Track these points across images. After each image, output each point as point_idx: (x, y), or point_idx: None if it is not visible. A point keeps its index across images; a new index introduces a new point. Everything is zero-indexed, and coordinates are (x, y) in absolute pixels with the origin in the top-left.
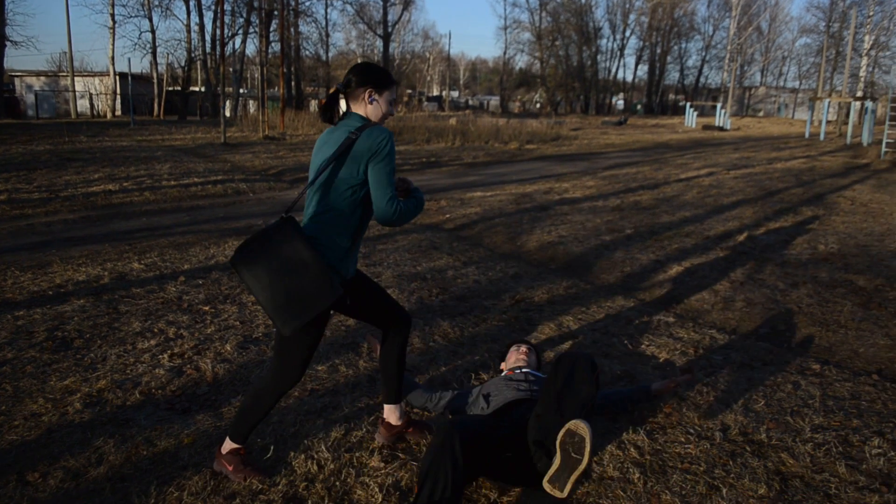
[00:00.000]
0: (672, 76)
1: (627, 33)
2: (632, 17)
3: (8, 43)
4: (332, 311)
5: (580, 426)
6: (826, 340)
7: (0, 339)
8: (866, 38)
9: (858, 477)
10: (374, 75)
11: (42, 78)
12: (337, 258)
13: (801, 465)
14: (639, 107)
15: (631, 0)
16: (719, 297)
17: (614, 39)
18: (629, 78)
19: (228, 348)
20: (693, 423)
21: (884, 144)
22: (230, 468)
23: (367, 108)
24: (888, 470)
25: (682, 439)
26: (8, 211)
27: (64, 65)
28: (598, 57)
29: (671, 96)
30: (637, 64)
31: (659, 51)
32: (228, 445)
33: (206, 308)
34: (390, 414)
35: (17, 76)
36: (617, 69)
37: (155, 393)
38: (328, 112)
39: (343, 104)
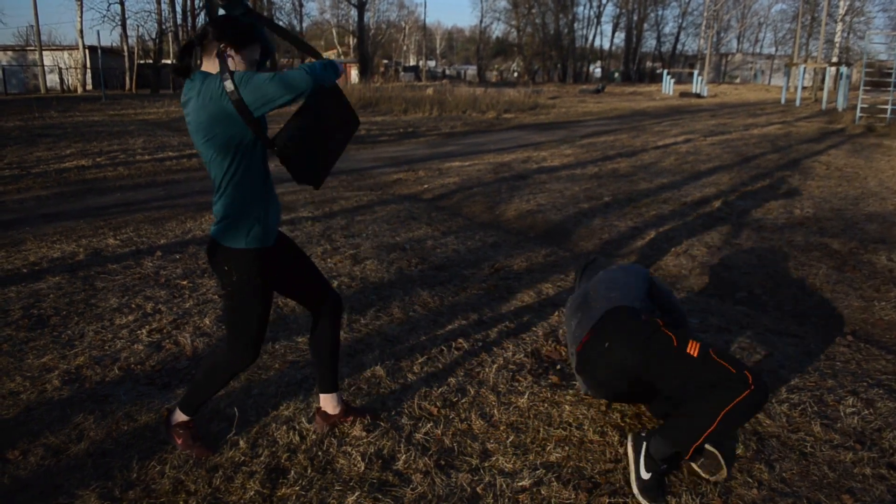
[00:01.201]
0: (649, 44)
1: (604, 0)
2: None
3: None
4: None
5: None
6: (802, 303)
7: None
8: (841, 3)
9: (833, 435)
10: (233, 29)
11: (9, 52)
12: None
13: (778, 424)
14: (616, 75)
15: None
16: (697, 262)
17: (591, 7)
18: (606, 46)
19: (207, 322)
20: None
21: (858, 109)
22: (179, 441)
23: (214, 63)
24: (862, 428)
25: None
26: None
27: (31, 39)
28: (575, 25)
29: (648, 64)
30: (614, 32)
31: (636, 18)
32: (179, 416)
33: (184, 283)
34: (326, 403)
35: None
36: (594, 37)
37: (134, 368)
38: (181, 68)
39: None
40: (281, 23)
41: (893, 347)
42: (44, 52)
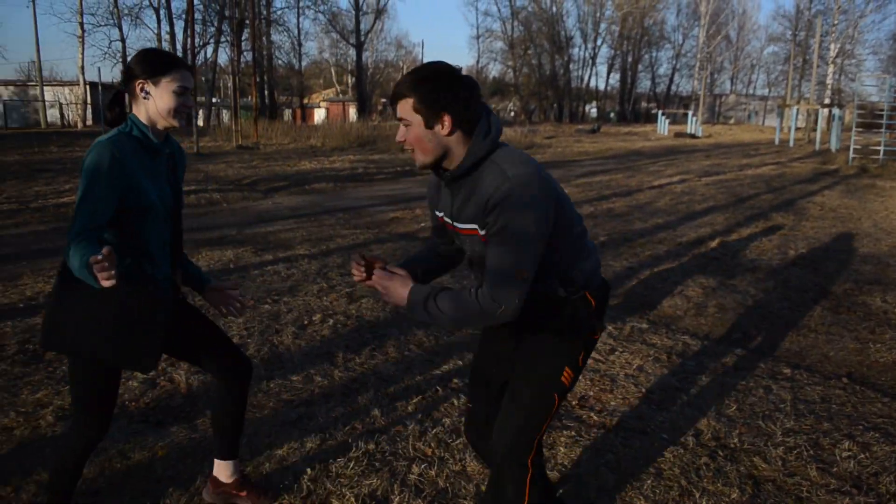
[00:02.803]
0: (644, 84)
1: (599, 42)
2: (602, 26)
3: None
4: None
5: None
6: (797, 345)
7: None
8: (832, 46)
9: (830, 480)
10: (145, 62)
11: (10, 87)
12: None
13: (773, 468)
14: (612, 115)
15: (601, 9)
16: (692, 303)
17: (586, 48)
18: (602, 86)
19: None
20: (666, 428)
21: (851, 150)
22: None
23: (143, 105)
24: (858, 472)
25: (656, 445)
26: None
27: (33, 74)
28: (571, 65)
29: (643, 104)
30: (609, 72)
31: (630, 59)
32: None
33: None
34: (220, 470)
35: None
36: (589, 78)
37: (128, 405)
38: (111, 117)
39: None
40: (280, 62)
41: (889, 390)
42: (45, 88)
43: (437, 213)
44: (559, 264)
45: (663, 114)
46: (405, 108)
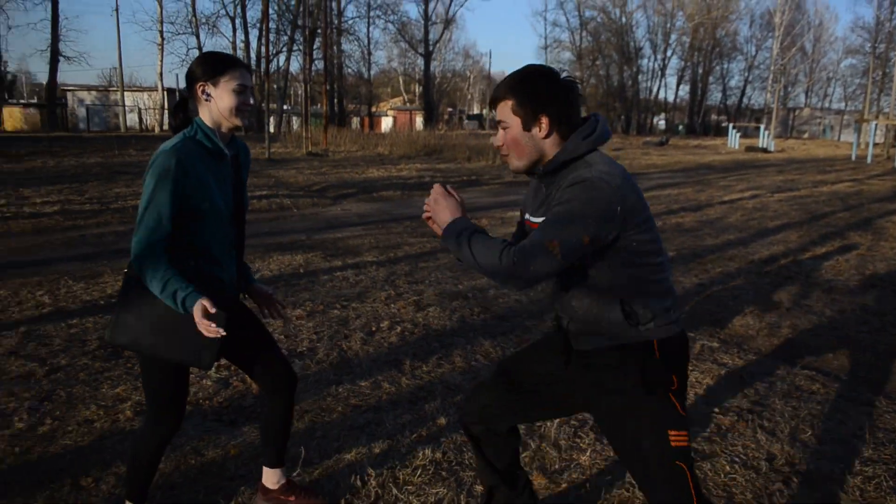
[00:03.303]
0: (714, 96)
1: (669, 53)
2: (673, 36)
3: (61, 58)
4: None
5: None
6: (876, 370)
7: (55, 347)
8: None
9: None
10: (204, 64)
11: (93, 92)
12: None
13: (851, 498)
14: (680, 127)
15: (672, 20)
16: (764, 322)
17: (655, 59)
18: (671, 98)
19: None
20: (738, 451)
21: None
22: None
23: (206, 108)
24: None
25: (728, 468)
26: (61, 222)
27: (114, 80)
28: (639, 76)
29: (713, 117)
30: (678, 84)
31: (701, 71)
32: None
33: None
34: (268, 477)
35: (69, 90)
36: (658, 89)
37: (202, 403)
38: (176, 123)
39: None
40: (350, 70)
41: None
42: (125, 93)
43: (524, 213)
44: (626, 287)
45: (734, 127)
46: (504, 110)
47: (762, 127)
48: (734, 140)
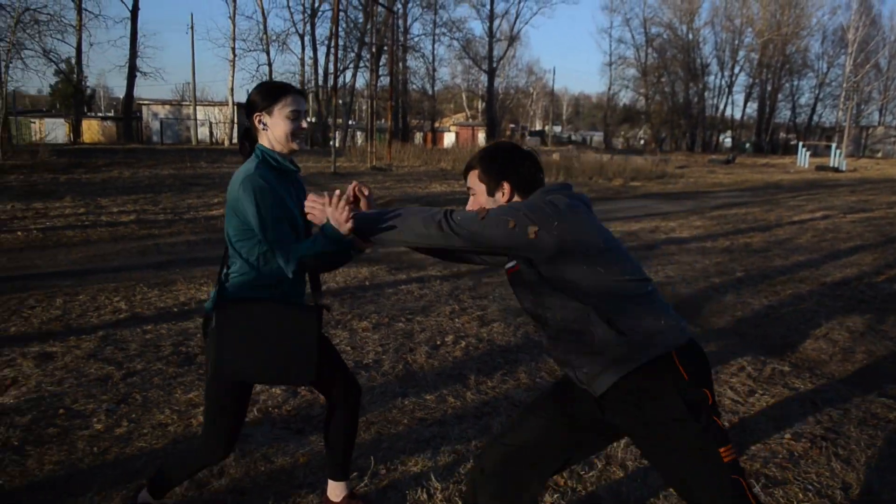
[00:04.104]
0: (783, 114)
1: (736, 70)
2: (741, 53)
3: (138, 73)
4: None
5: None
6: None
7: (131, 351)
8: None
9: None
10: (259, 94)
11: (167, 106)
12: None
13: None
14: (747, 145)
15: (740, 36)
16: (838, 347)
17: (722, 76)
18: (737, 115)
19: None
20: (812, 479)
21: None
22: None
23: (264, 136)
24: None
25: (801, 496)
26: (136, 231)
27: (187, 95)
28: (706, 94)
29: (782, 135)
30: (746, 101)
31: (769, 88)
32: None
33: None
34: (332, 490)
35: (144, 104)
36: (725, 106)
37: (272, 412)
38: (243, 151)
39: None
40: (414, 86)
41: None
42: (197, 107)
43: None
44: (600, 306)
45: (803, 145)
46: (472, 178)
47: (833, 145)
48: (804, 159)
